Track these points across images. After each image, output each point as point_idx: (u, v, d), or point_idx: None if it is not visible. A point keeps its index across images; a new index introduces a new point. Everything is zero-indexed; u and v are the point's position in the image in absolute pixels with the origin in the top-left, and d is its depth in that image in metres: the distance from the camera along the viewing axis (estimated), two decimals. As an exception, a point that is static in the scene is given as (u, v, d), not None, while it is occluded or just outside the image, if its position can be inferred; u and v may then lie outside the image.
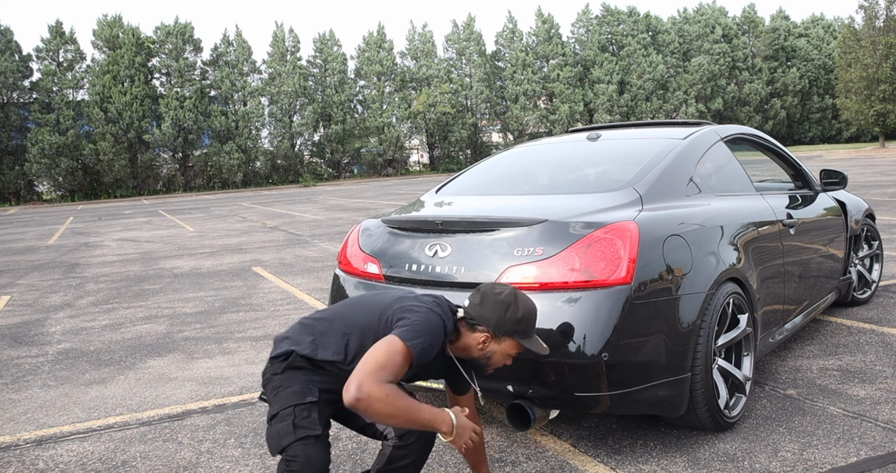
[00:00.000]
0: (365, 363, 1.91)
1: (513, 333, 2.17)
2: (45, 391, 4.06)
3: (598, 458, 2.78)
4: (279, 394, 2.09)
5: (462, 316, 2.19)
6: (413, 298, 2.16)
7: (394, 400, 1.89)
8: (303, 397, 2.07)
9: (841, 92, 37.57)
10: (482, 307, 2.16)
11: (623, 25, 46.19)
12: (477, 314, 2.16)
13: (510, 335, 2.17)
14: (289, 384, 2.10)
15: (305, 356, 2.12)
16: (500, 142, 45.88)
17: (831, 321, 4.61)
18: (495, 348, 2.19)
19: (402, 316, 2.06)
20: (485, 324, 2.15)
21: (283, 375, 2.12)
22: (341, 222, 13.77)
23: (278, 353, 2.16)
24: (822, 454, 2.71)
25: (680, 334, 2.72)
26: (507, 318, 2.14)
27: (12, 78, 35.03)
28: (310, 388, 2.09)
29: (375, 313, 2.14)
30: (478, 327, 2.16)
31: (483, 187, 3.80)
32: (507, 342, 2.19)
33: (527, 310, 2.19)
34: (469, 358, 2.23)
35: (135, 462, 3.00)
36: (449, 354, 2.23)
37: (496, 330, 2.16)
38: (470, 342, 2.18)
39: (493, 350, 2.19)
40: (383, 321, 2.10)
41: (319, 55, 42.15)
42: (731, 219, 3.26)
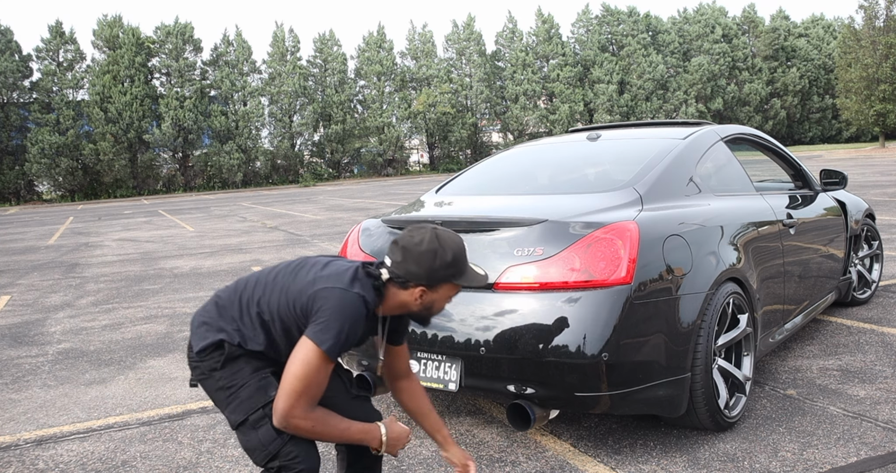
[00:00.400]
0: (287, 389, 1.86)
1: (448, 278, 1.99)
2: (45, 391, 4.06)
3: (598, 458, 2.78)
4: (236, 396, 1.99)
5: (388, 277, 2.00)
6: (326, 277, 1.95)
7: (322, 428, 1.91)
8: (266, 393, 1.98)
9: (841, 92, 37.56)
10: (407, 262, 1.96)
11: (623, 25, 46.18)
12: (404, 272, 1.96)
13: (446, 282, 2.00)
14: (241, 382, 1.99)
15: (238, 345, 2.01)
16: (500, 142, 45.87)
17: (831, 321, 4.61)
18: (433, 297, 2.02)
19: (316, 308, 1.90)
20: (415, 279, 1.96)
21: (226, 370, 2.01)
22: (341, 222, 13.77)
23: (206, 345, 2.02)
24: (822, 454, 2.71)
25: (680, 334, 2.72)
26: (436, 267, 1.96)
27: (12, 78, 35.02)
28: (265, 379, 2.00)
29: (291, 299, 1.96)
30: (409, 283, 1.98)
31: (483, 187, 3.80)
32: (444, 287, 2.02)
33: (455, 249, 1.99)
34: (409, 314, 2.09)
35: (135, 462, 3.00)
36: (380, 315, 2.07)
37: (429, 282, 1.97)
38: (405, 299, 2.02)
39: (431, 300, 2.03)
40: (298, 310, 1.94)
41: (319, 55, 42.15)
42: (731, 219, 3.26)
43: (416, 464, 2.82)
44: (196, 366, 2.06)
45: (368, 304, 1.95)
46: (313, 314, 1.90)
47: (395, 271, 1.98)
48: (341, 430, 1.95)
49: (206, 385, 2.06)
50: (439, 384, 2.80)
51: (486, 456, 2.85)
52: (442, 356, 2.81)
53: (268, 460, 1.96)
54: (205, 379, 2.05)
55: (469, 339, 2.71)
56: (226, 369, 2.00)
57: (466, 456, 2.23)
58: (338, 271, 1.98)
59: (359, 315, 1.91)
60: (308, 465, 1.97)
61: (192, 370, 2.09)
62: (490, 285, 2.75)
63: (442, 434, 2.25)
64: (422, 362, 2.86)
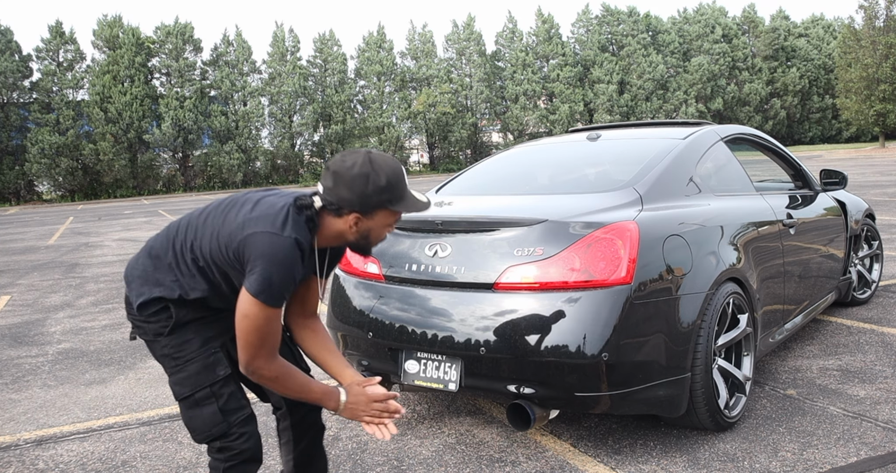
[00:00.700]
0: (242, 344, 1.83)
1: (384, 203, 1.88)
2: (45, 391, 4.06)
3: (598, 458, 2.78)
4: (183, 369, 1.94)
5: (322, 206, 1.91)
6: (256, 220, 1.84)
7: (285, 380, 1.89)
8: (214, 371, 1.95)
9: (841, 92, 37.55)
10: (338, 188, 1.85)
11: (623, 25, 46.17)
12: (336, 199, 1.86)
13: (381, 208, 1.88)
14: (188, 355, 1.94)
15: (179, 299, 1.93)
16: (500, 142, 45.86)
17: (831, 321, 4.61)
18: (369, 225, 1.91)
19: (248, 255, 1.81)
20: (348, 206, 1.86)
21: (173, 337, 1.95)
22: (341, 222, 13.76)
23: (145, 301, 1.94)
24: (822, 454, 2.71)
25: (680, 334, 2.72)
26: (369, 192, 1.84)
27: (12, 78, 35.00)
28: (214, 355, 1.96)
29: (223, 244, 1.87)
30: (342, 210, 1.88)
31: (483, 187, 3.80)
32: (380, 214, 1.90)
33: (389, 173, 1.87)
34: (348, 245, 2.00)
35: (135, 462, 3.00)
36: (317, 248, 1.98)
37: (363, 208, 1.87)
38: (341, 228, 1.92)
39: (367, 228, 1.92)
40: (231, 255, 1.85)
41: (319, 55, 42.13)
42: (731, 219, 3.26)
43: (417, 464, 2.82)
44: (140, 326, 2.00)
45: (302, 245, 1.85)
46: (246, 262, 1.82)
47: (327, 197, 1.87)
48: (301, 384, 1.92)
49: (151, 348, 2.02)
50: (439, 384, 2.80)
51: (486, 456, 2.85)
52: (442, 356, 2.81)
53: (209, 440, 1.95)
54: (150, 342, 2.00)
55: (469, 339, 2.71)
56: (173, 336, 1.95)
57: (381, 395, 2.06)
58: (268, 213, 1.86)
59: (292, 260, 1.82)
60: (250, 445, 1.96)
61: (134, 327, 2.03)
62: (490, 285, 2.76)
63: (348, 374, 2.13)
64: (422, 362, 2.86)
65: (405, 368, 2.90)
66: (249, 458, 1.97)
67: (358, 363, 3.13)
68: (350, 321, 3.11)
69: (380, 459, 2.89)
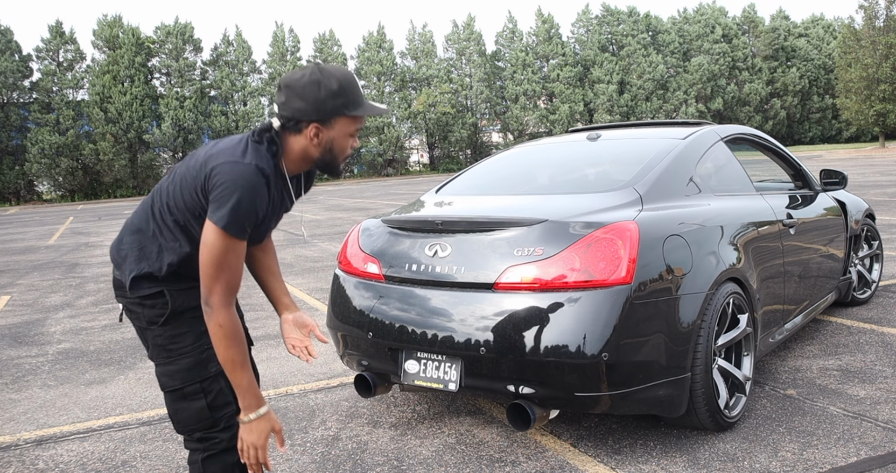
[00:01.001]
0: (203, 276, 1.80)
1: (340, 109, 1.87)
2: (45, 391, 4.06)
3: (598, 458, 2.78)
4: (175, 362, 1.92)
5: (280, 124, 1.90)
6: (218, 153, 1.83)
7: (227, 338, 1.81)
8: (206, 367, 1.93)
9: (841, 92, 37.55)
10: (292, 100, 1.85)
11: (623, 25, 46.17)
12: (291, 112, 1.85)
13: (338, 114, 1.88)
14: (181, 350, 1.92)
15: (166, 276, 1.91)
16: (500, 142, 45.85)
17: (831, 321, 4.61)
18: (330, 134, 1.90)
19: (211, 186, 1.79)
20: (305, 116, 1.85)
21: (167, 328, 1.92)
22: (341, 221, 13.77)
23: (136, 275, 1.91)
24: (822, 454, 2.71)
25: (680, 334, 2.72)
26: (323, 97, 1.84)
27: (12, 78, 34.99)
28: (207, 351, 1.93)
29: (190, 187, 1.85)
30: (301, 124, 1.87)
31: (483, 187, 3.80)
32: (339, 121, 1.89)
33: (341, 78, 1.87)
34: (315, 163, 1.97)
35: (135, 462, 3.00)
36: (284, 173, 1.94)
37: (320, 115, 1.85)
38: (303, 144, 1.90)
39: (329, 138, 1.90)
40: (200, 194, 1.83)
41: (319, 55, 42.13)
42: (731, 219, 3.26)
43: (417, 464, 2.82)
44: (133, 310, 1.97)
45: (265, 171, 1.82)
46: (211, 194, 1.80)
47: (283, 114, 1.87)
48: (238, 361, 1.83)
49: (143, 334, 1.99)
50: (439, 384, 2.80)
51: (486, 456, 2.85)
52: (442, 356, 2.81)
53: (191, 433, 1.95)
54: (142, 328, 1.98)
55: (469, 339, 2.71)
56: (167, 327, 1.93)
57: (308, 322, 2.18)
58: (229, 146, 1.86)
59: (255, 185, 1.79)
60: (230, 434, 1.96)
61: (126, 311, 1.99)
62: (490, 285, 2.75)
63: (284, 302, 2.20)
64: (422, 362, 2.86)
65: (405, 368, 2.90)
66: (229, 447, 1.96)
67: (358, 363, 3.13)
68: (350, 321, 3.11)
69: (380, 459, 2.89)
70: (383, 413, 3.39)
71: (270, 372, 4.16)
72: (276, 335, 5.05)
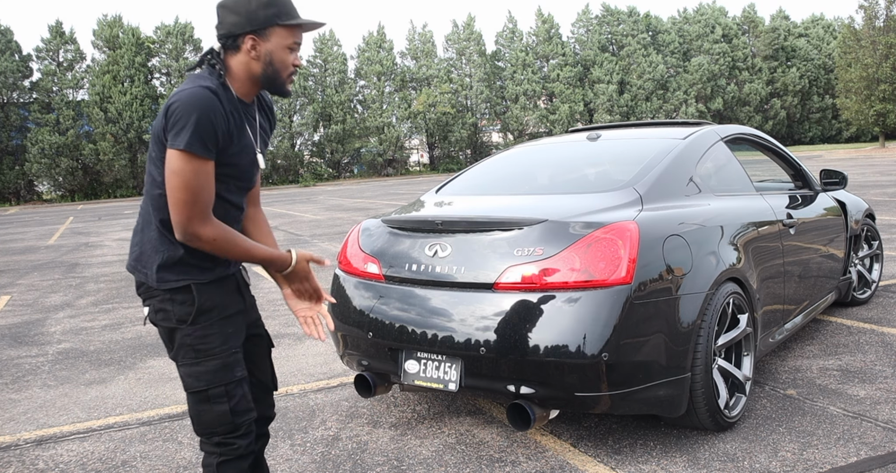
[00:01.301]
0: (172, 203, 1.82)
1: (272, 19, 1.90)
2: (45, 391, 4.06)
3: (598, 458, 2.78)
4: (202, 364, 1.92)
5: (221, 46, 1.94)
6: (174, 93, 1.86)
7: (225, 243, 1.87)
8: (233, 371, 1.95)
9: (841, 92, 37.53)
10: (226, 16, 1.90)
11: (623, 25, 46.16)
12: (227, 28, 1.90)
13: (271, 23, 1.90)
14: (210, 350, 1.93)
15: (183, 256, 1.90)
16: (500, 142, 45.84)
17: (831, 321, 4.61)
18: (268, 47, 1.92)
19: (169, 120, 1.82)
20: (239, 29, 1.89)
21: (196, 327, 1.92)
22: (341, 221, 13.77)
23: (161, 263, 1.91)
24: (822, 454, 2.71)
25: (680, 334, 2.72)
26: (254, 7, 1.88)
27: (12, 78, 34.99)
28: (234, 355, 1.96)
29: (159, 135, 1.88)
30: (238, 39, 1.90)
31: (483, 187, 3.80)
32: (274, 33, 1.91)
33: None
34: (260, 81, 1.97)
35: (135, 462, 3.00)
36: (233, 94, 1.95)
37: (253, 25, 1.89)
38: (244, 60, 1.92)
39: (267, 51, 1.92)
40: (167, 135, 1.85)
41: (319, 55, 42.12)
42: (731, 219, 3.26)
43: (416, 464, 2.82)
44: (162, 308, 1.94)
45: (212, 88, 1.85)
46: (168, 127, 1.83)
47: (220, 33, 1.92)
48: (246, 248, 1.92)
49: (170, 335, 1.96)
50: (439, 384, 2.80)
51: (486, 456, 2.85)
52: (442, 356, 2.81)
53: (210, 435, 1.96)
54: (170, 329, 1.95)
55: (469, 339, 2.71)
56: (196, 326, 1.92)
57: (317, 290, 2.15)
58: (182, 86, 1.88)
59: (208, 105, 1.82)
60: (249, 441, 1.98)
61: (155, 312, 1.96)
62: (490, 285, 2.75)
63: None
64: (422, 362, 2.86)
65: (405, 368, 2.90)
66: (245, 454, 1.98)
67: (358, 363, 3.13)
68: (350, 321, 3.11)
69: (380, 459, 2.89)
70: (383, 413, 3.39)
71: (270, 372, 4.16)
72: (275, 335, 5.05)
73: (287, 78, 1.99)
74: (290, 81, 2.01)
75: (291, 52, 1.97)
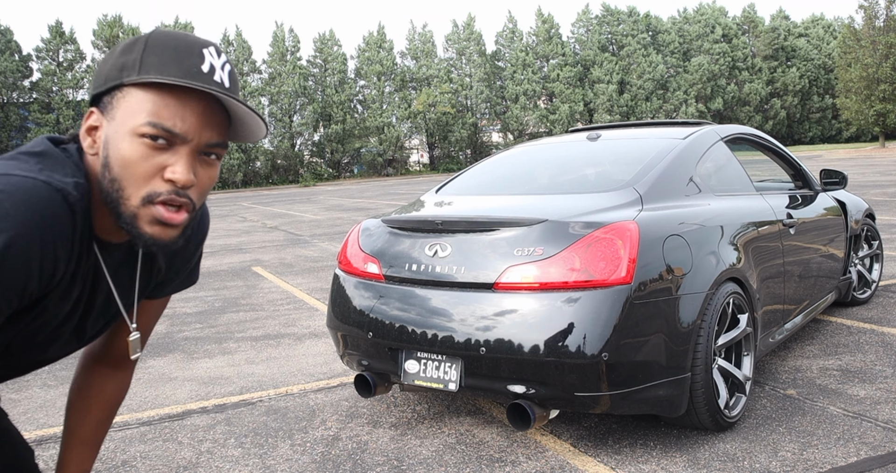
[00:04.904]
0: None
1: (115, 73, 1.07)
2: (44, 391, 4.06)
3: (598, 458, 2.78)
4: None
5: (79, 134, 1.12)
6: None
7: None
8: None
9: (841, 92, 37.55)
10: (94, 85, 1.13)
11: (623, 25, 46.18)
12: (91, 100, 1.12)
13: (114, 81, 1.07)
14: None
15: None
16: (500, 142, 45.86)
17: (831, 321, 4.60)
18: (109, 130, 1.05)
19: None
20: (91, 100, 1.11)
21: None
22: (341, 221, 13.77)
23: None
24: (822, 454, 2.71)
25: (680, 334, 2.72)
26: (107, 59, 1.12)
27: (12, 78, 35.02)
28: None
29: None
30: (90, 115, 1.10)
31: (483, 186, 3.80)
32: (121, 101, 1.05)
33: (155, 35, 1.09)
34: (110, 206, 1.05)
35: (135, 462, 2.99)
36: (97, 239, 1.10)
37: (95, 89, 1.10)
38: (90, 162, 1.08)
39: (106, 138, 1.05)
40: None
41: (319, 55, 42.15)
42: (731, 219, 3.26)
43: (416, 464, 2.82)
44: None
45: (70, 198, 1.00)
46: None
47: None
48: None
49: None
50: (439, 384, 2.80)
51: (486, 456, 2.85)
52: (442, 356, 2.81)
53: None
54: None
55: (469, 339, 2.71)
56: None
57: None
58: (10, 154, 1.07)
59: (45, 219, 0.96)
60: None
61: None
62: (490, 285, 2.75)
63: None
64: (422, 362, 2.86)
65: (405, 368, 2.90)
66: None
67: (358, 363, 3.13)
68: (350, 321, 3.11)
69: (380, 459, 2.89)
70: (383, 413, 3.39)
71: (270, 372, 4.16)
72: (275, 335, 5.05)
73: (141, 206, 1.04)
74: (159, 220, 1.05)
75: (148, 141, 1.03)
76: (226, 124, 1.10)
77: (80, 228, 1.03)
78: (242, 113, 1.08)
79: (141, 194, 1.03)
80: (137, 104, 1.03)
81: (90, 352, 1.41)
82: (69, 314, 1.13)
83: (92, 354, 1.41)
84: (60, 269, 1.02)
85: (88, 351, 1.41)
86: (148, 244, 1.05)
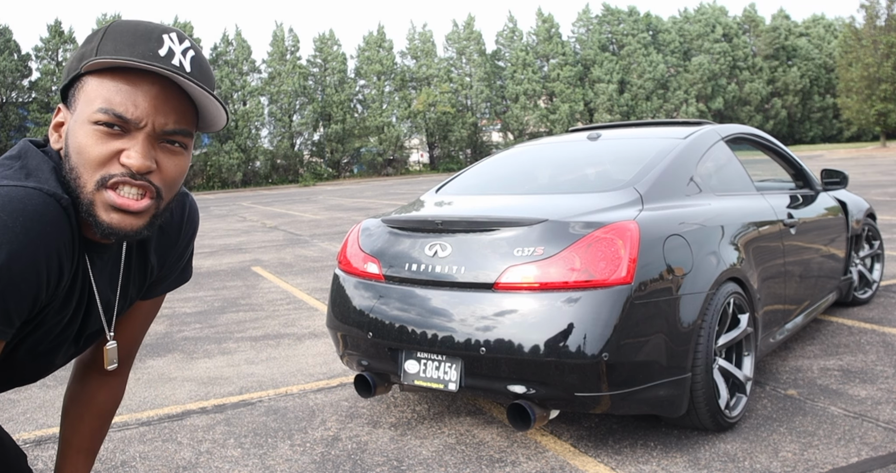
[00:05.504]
0: None
1: (75, 64, 1.06)
2: (44, 392, 4.06)
3: (598, 458, 2.77)
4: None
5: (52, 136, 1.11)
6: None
7: None
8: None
9: (842, 91, 37.56)
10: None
11: (623, 25, 46.17)
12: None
13: (74, 73, 1.05)
14: None
15: None
16: (500, 142, 45.85)
17: (832, 321, 4.60)
18: (71, 122, 1.04)
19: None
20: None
21: None
22: (341, 221, 13.76)
23: None
24: (822, 454, 2.70)
25: (680, 334, 2.71)
26: (74, 55, 1.09)
27: (11, 77, 35.01)
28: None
29: None
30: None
31: (483, 186, 3.79)
32: (81, 92, 1.04)
33: (114, 24, 1.09)
34: (84, 207, 1.02)
35: (134, 462, 2.99)
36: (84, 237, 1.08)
37: (64, 81, 1.09)
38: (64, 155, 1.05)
39: (67, 130, 1.05)
40: None
41: (319, 55, 42.14)
42: (732, 219, 3.25)
43: (416, 464, 2.82)
44: None
45: (62, 201, 0.99)
46: None
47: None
48: None
49: None
50: (439, 384, 2.80)
51: (486, 456, 2.85)
52: (442, 356, 2.80)
53: None
54: None
55: (469, 339, 2.70)
56: None
57: None
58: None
59: (45, 226, 0.96)
60: None
61: None
62: (490, 285, 2.75)
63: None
64: (422, 362, 2.85)
65: (405, 368, 2.89)
66: None
67: (358, 363, 3.13)
68: (350, 321, 3.10)
69: (380, 459, 2.88)
70: (383, 413, 3.39)
71: (270, 372, 4.16)
72: (275, 334, 5.05)
73: (96, 191, 1.01)
74: (115, 207, 1.02)
75: (101, 128, 1.01)
76: (188, 112, 1.06)
77: (75, 230, 1.02)
78: (204, 99, 1.04)
79: (95, 179, 1.02)
80: (93, 91, 1.02)
81: (82, 360, 1.41)
82: (70, 319, 1.13)
83: (84, 361, 1.41)
84: (66, 274, 1.02)
85: (80, 359, 1.41)
86: (107, 234, 1.02)
